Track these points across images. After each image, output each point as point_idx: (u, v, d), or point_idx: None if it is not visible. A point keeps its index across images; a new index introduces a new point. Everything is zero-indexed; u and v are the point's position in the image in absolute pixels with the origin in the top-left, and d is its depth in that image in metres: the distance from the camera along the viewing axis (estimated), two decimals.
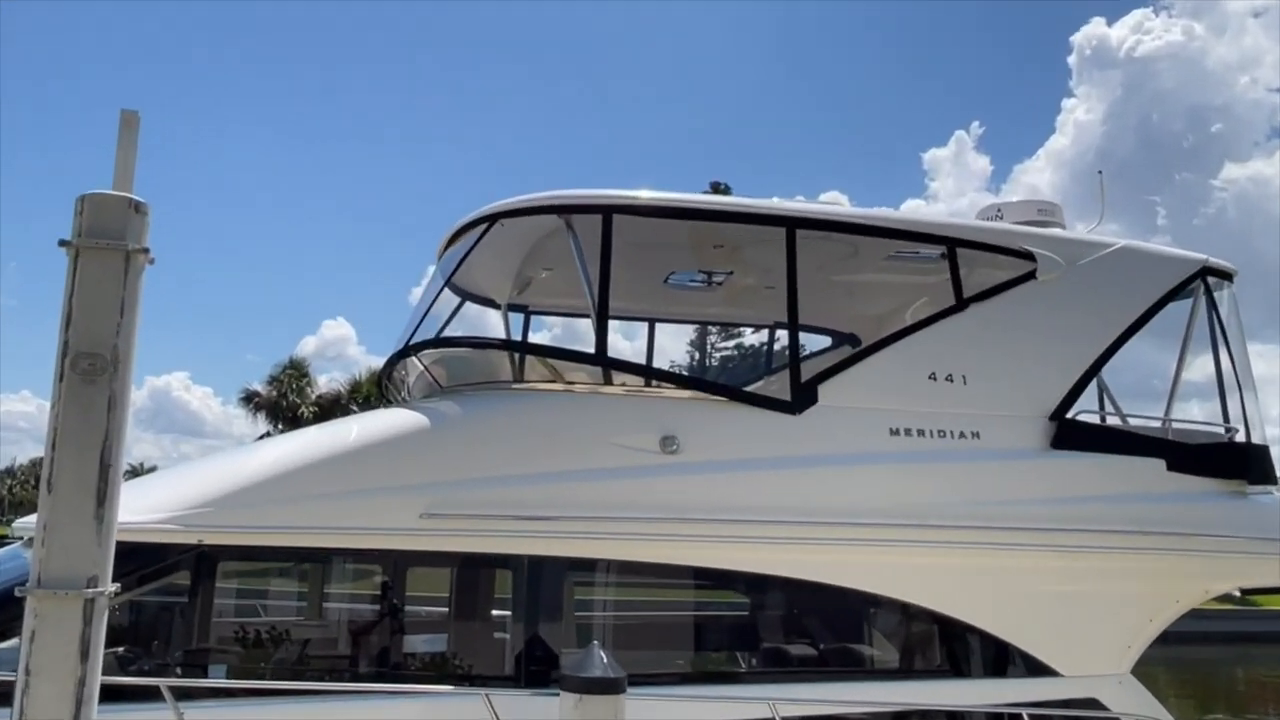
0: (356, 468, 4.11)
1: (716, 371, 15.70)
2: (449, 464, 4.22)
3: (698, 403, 4.61)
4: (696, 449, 4.40)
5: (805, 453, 4.51)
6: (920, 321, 5.03)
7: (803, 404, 4.58)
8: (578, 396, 4.59)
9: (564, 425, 4.43)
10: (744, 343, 24.06)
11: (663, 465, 4.33)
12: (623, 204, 4.76)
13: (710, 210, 5.08)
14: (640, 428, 4.42)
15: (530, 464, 4.27)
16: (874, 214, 5.23)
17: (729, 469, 4.41)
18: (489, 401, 4.58)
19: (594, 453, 4.33)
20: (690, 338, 16.72)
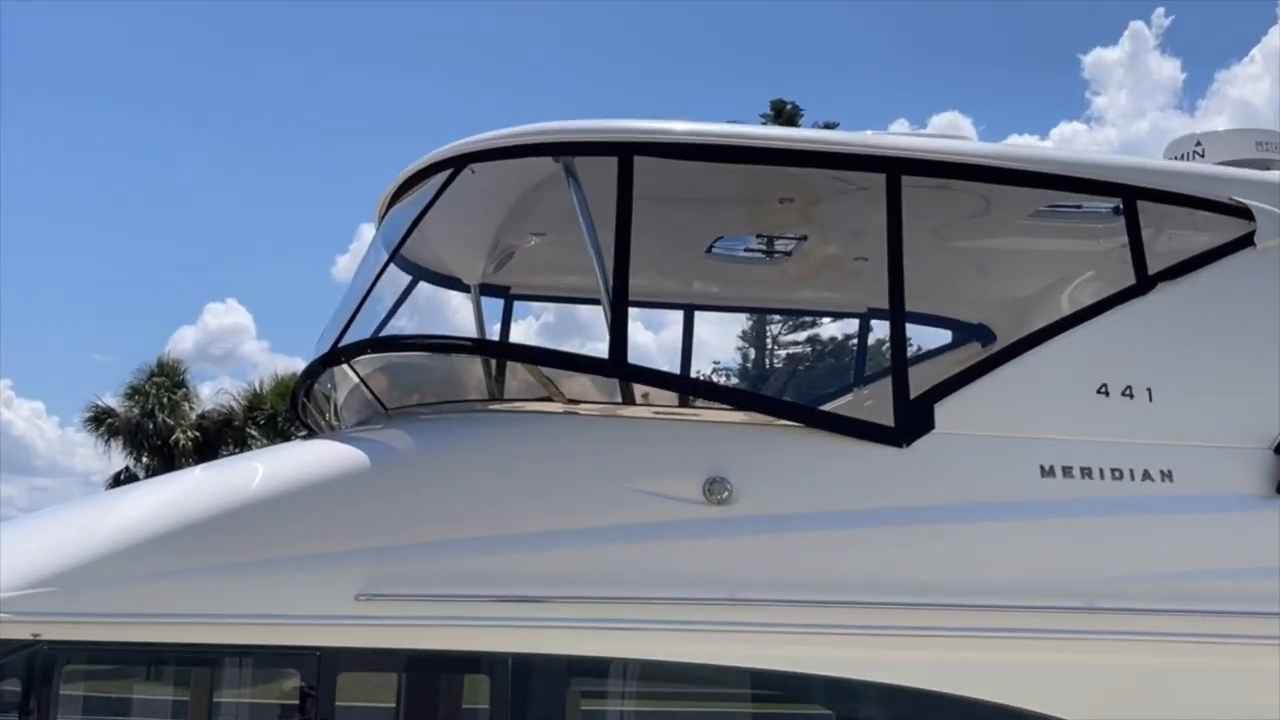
0: (263, 529, 4.15)
1: (783, 382, 15.70)
2: (396, 522, 4.25)
3: (757, 429, 4.61)
4: (756, 497, 4.40)
5: (916, 502, 4.51)
6: (1084, 309, 5.01)
7: (912, 430, 4.58)
8: (583, 421, 4.62)
9: (562, 464, 4.45)
10: (822, 339, 24.00)
11: (707, 521, 4.34)
12: (648, 140, 4.78)
13: (772, 148, 5.08)
14: (674, 466, 4.44)
15: (514, 521, 4.29)
16: (1014, 151, 5.22)
17: (803, 527, 4.42)
18: (454, 430, 4.61)
19: (606, 503, 4.35)
20: (744, 332, 16.64)
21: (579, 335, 16.96)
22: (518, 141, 4.86)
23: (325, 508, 4.23)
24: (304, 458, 4.53)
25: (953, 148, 5.09)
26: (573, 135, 4.81)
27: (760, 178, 5.31)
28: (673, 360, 7.02)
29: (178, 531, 4.11)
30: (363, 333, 5.04)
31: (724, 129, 5.03)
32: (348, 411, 5.23)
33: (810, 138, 5.14)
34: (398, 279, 5.67)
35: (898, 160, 4.88)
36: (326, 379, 5.22)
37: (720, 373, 43.41)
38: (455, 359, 5.21)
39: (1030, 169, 5.05)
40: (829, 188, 5.44)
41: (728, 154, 4.93)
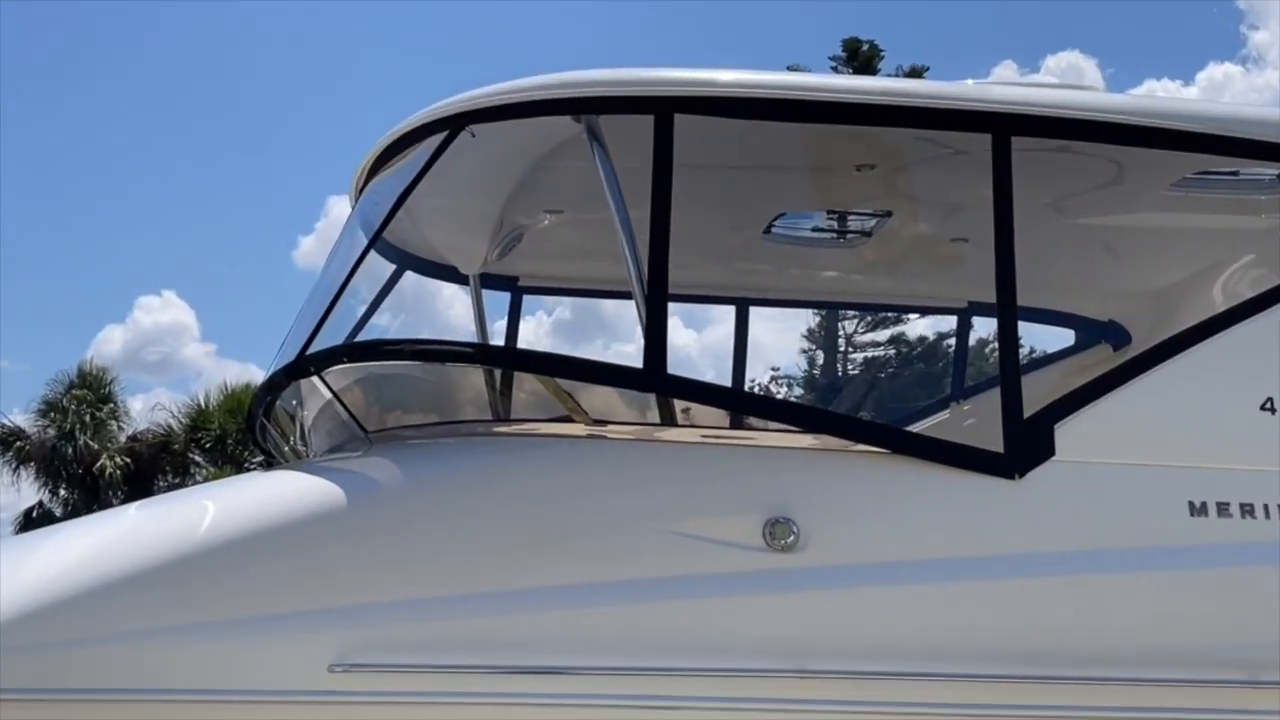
0: (215, 584, 4.17)
1: (860, 396, 15.66)
2: (379, 574, 4.27)
3: (829, 457, 4.62)
4: (829, 543, 4.40)
5: (1031, 549, 4.50)
6: (1243, 303, 4.99)
7: (1026, 458, 4.56)
8: (611, 447, 4.65)
9: (586, 501, 4.46)
10: (909, 341, 23.78)
11: (768, 573, 4.35)
12: (691, 93, 4.79)
13: (846, 102, 5.06)
14: (726, 504, 4.46)
15: (526, 573, 4.31)
16: (1154, 104, 5.21)
17: (888, 580, 4.41)
18: (450, 459, 4.64)
19: (641, 552, 4.37)
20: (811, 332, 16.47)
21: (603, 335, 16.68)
22: (529, 96, 4.87)
23: (291, 557, 4.25)
24: (264, 494, 4.55)
25: (1074, 100, 5.07)
26: (597, 88, 4.81)
27: (832, 139, 5.32)
28: (722, 369, 7.04)
29: (109, 588, 4.12)
30: (336, 337, 5.06)
31: (785, 78, 5.04)
32: (318, 435, 5.26)
33: (894, 89, 5.12)
34: (379, 268, 5.70)
35: (1005, 116, 4.86)
36: (291, 394, 5.23)
37: (781, 384, 43.53)
38: (451, 369, 5.23)
39: (1175, 126, 5.00)
40: (918, 151, 5.45)
41: (790, 110, 4.91)
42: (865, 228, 6.43)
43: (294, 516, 4.33)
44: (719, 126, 4.87)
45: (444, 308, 6.98)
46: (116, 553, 4.28)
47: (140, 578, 4.16)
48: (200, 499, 4.73)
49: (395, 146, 5.27)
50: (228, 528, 4.32)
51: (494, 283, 6.57)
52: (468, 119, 4.96)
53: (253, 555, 4.24)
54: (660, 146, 4.62)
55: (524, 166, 5.43)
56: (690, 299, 7.40)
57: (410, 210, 5.19)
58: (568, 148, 5.02)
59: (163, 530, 4.40)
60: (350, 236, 5.45)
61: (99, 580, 4.15)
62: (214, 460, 32.24)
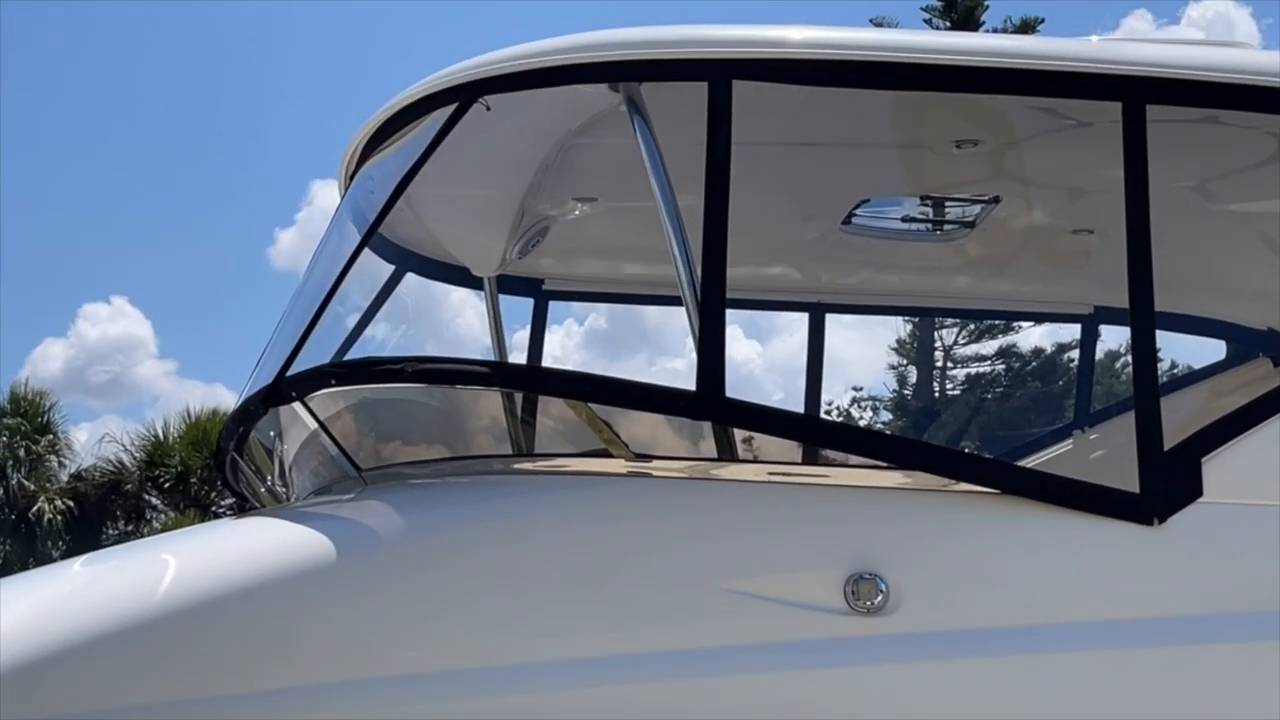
0: (176, 655, 4.19)
1: (962, 424, 15.67)
2: (374, 645, 4.30)
3: (924, 499, 4.63)
4: (925, 604, 4.41)
5: (1174, 610, 4.49)
6: None
7: (1168, 499, 4.54)
8: (658, 488, 4.66)
9: (627, 555, 4.48)
10: (1023, 354, 23.69)
11: (852, 641, 4.35)
12: (752, 55, 4.80)
13: (943, 65, 5.06)
14: (800, 557, 4.47)
15: (555, 642, 4.33)
16: None
17: (996, 648, 4.40)
18: (461, 503, 4.68)
19: (697, 615, 4.37)
20: (901, 344, 16.27)
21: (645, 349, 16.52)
22: (555, 61, 4.88)
23: (268, 624, 4.27)
24: (235, 546, 4.58)
25: (1224, 60, 5.06)
26: (639, 50, 4.84)
27: (925, 110, 5.35)
28: (793, 389, 7.06)
29: (45, 664, 4.13)
30: (323, 354, 5.11)
31: (867, 36, 5.05)
32: (301, 473, 5.30)
33: (1000, 48, 5.11)
34: (375, 270, 5.75)
35: (1139, 80, 4.85)
36: (268, 424, 5.25)
37: (865, 407, 43.57)
38: (462, 393, 5.25)
39: None
40: (1032, 123, 5.47)
41: (874, 74, 4.91)
42: (967, 217, 6.45)
43: (271, 574, 4.34)
44: (787, 95, 4.89)
45: (453, 317, 7.02)
46: (56, 620, 4.29)
47: (84, 651, 4.17)
48: (158, 552, 4.75)
49: (395, 122, 5.30)
50: (191, 588, 4.33)
51: (514, 286, 6.61)
52: (482, 88, 4.98)
53: (221, 622, 4.25)
54: (716, 120, 4.62)
55: (549, 146, 5.47)
56: (754, 304, 7.41)
57: (412, 199, 5.22)
58: (603, 122, 5.06)
59: (112, 592, 4.41)
60: (339, 231, 5.48)
61: (33, 655, 4.15)
62: (175, 503, 32.40)
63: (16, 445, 33.00)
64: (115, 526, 32.81)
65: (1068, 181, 5.97)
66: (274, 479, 5.55)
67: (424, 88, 5.11)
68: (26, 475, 32.75)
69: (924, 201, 6.45)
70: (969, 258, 6.77)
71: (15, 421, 33.40)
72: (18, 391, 34.57)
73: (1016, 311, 9.10)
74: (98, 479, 33.05)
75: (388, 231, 5.56)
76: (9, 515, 32.48)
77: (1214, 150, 5.44)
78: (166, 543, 5.26)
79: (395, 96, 5.25)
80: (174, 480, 32.12)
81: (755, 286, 6.86)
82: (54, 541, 31.68)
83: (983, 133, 5.57)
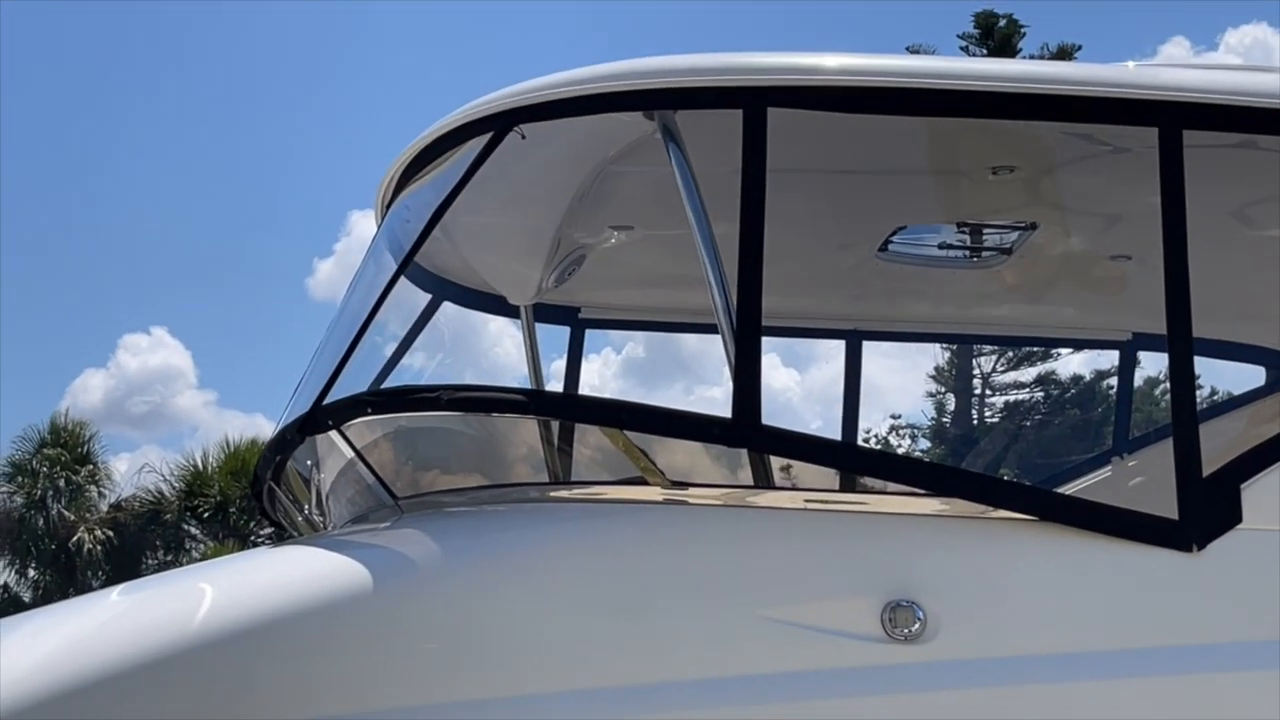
0: (211, 686, 4.19)
1: (1000, 451, 15.64)
2: (413, 674, 4.29)
3: (962, 526, 4.62)
4: (963, 631, 4.39)
5: (1213, 638, 4.46)
6: None
7: (1207, 526, 4.52)
8: (695, 515, 4.66)
9: (662, 581, 4.47)
10: (1061, 381, 23.54)
11: (889, 669, 4.33)
12: (788, 82, 4.80)
13: (980, 91, 5.06)
14: (837, 584, 4.45)
15: (593, 669, 4.32)
16: None
17: (1035, 676, 4.39)
18: (498, 531, 4.68)
19: (735, 643, 4.36)
20: (939, 372, 16.29)
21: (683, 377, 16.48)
22: (590, 90, 4.89)
23: (305, 653, 4.27)
24: (271, 575, 4.58)
25: (1260, 85, 5.04)
26: (674, 78, 4.83)
27: (961, 136, 5.34)
28: (830, 417, 7.05)
29: (83, 692, 4.14)
30: (360, 383, 5.11)
31: (903, 63, 5.04)
32: (338, 502, 5.30)
33: (1036, 74, 5.10)
34: (412, 299, 5.76)
35: (1175, 106, 4.84)
36: (305, 453, 5.27)
37: (903, 435, 43.44)
38: (498, 421, 5.25)
39: None
40: (1069, 149, 5.45)
41: (910, 101, 4.90)
42: (1004, 243, 6.43)
43: (307, 603, 4.35)
44: (823, 122, 4.90)
45: (490, 345, 7.02)
46: (93, 649, 4.29)
47: (121, 679, 4.17)
48: (196, 581, 4.75)
49: (430, 151, 5.32)
50: (228, 617, 4.33)
51: (550, 314, 6.62)
52: (517, 117, 4.99)
53: (258, 651, 4.25)
54: (751, 147, 4.63)
55: (585, 174, 5.47)
56: (790, 332, 7.42)
57: (448, 228, 5.22)
58: (638, 150, 5.06)
59: (149, 620, 4.41)
60: (376, 261, 5.50)
61: (71, 683, 4.16)
62: (213, 533, 32.48)
63: (57, 475, 33.09)
64: (154, 556, 32.88)
65: (1105, 207, 5.96)
66: (311, 508, 5.55)
67: (459, 117, 5.12)
68: (67, 505, 32.84)
69: (961, 228, 6.43)
70: (1006, 284, 6.75)
71: (55, 452, 33.50)
72: (58, 422, 34.70)
73: (1054, 338, 9.06)
74: (137, 509, 33.12)
75: (424, 260, 5.57)
76: (49, 545, 32.55)
77: (1252, 175, 5.41)
78: (203, 571, 5.27)
79: (431, 126, 5.27)
80: (213, 510, 32.16)
81: (792, 314, 6.86)
82: (94, 571, 31.75)
83: (1019, 159, 5.56)
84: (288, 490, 5.61)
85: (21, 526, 32.72)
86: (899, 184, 5.90)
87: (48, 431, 34.21)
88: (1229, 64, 5.64)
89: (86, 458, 34.21)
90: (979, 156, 5.54)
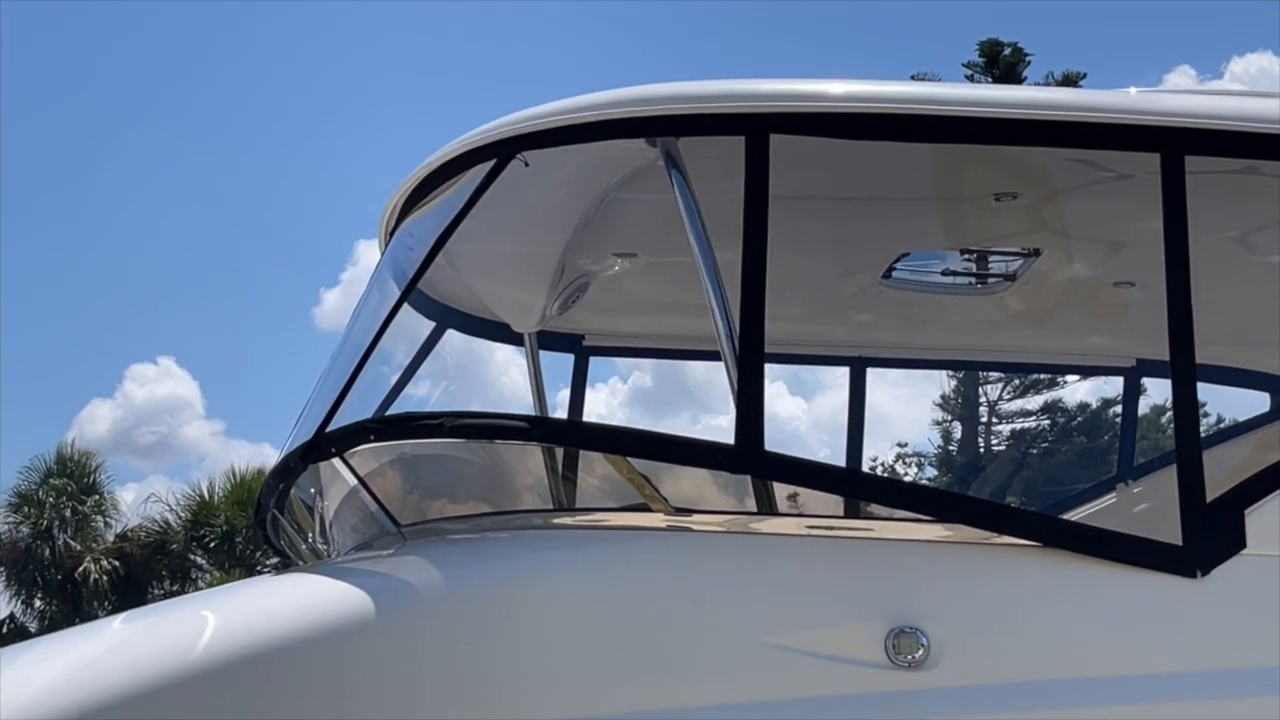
0: (218, 710, 4.18)
1: (1005, 478, 15.60)
2: (415, 703, 4.28)
3: (967, 553, 4.60)
4: (967, 658, 4.38)
5: (1217, 664, 4.45)
6: None
7: (1211, 552, 4.51)
8: (698, 542, 4.65)
9: (665, 608, 4.46)
10: (1066, 409, 23.48)
11: (893, 696, 4.32)
12: (791, 109, 4.81)
13: (984, 118, 5.07)
14: (840, 611, 4.44)
15: (597, 697, 4.32)
16: None
17: (1039, 703, 4.36)
18: (502, 559, 4.65)
19: (737, 670, 4.35)
20: (945, 399, 16.27)
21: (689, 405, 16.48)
22: (593, 116, 4.90)
23: (305, 678, 4.25)
24: (273, 603, 4.57)
25: (1263, 110, 5.04)
26: (676, 105, 4.84)
27: (965, 163, 5.35)
28: (838, 445, 7.02)
29: (89, 717, 4.11)
30: (363, 410, 5.10)
31: (909, 90, 5.06)
32: (341, 529, 5.30)
33: (1037, 100, 5.10)
34: (415, 326, 5.76)
35: (1177, 131, 4.84)
36: (309, 480, 5.27)
37: (910, 463, 43.34)
38: (502, 449, 5.23)
39: None
40: (1072, 176, 5.46)
41: (910, 128, 4.91)
42: (1008, 270, 6.43)
43: (309, 630, 4.33)
44: (826, 149, 4.89)
45: (495, 373, 7.02)
46: (94, 677, 4.28)
47: (123, 707, 4.15)
48: (198, 609, 4.74)
49: (433, 179, 5.33)
50: (230, 645, 4.32)
51: (554, 342, 6.62)
52: (520, 144, 5.00)
53: (260, 679, 4.24)
54: (753, 174, 4.63)
55: (588, 201, 5.47)
56: (793, 359, 7.41)
57: (452, 255, 5.22)
58: (641, 177, 5.06)
59: (151, 648, 4.40)
60: (379, 288, 5.50)
61: (73, 712, 4.14)
62: (220, 563, 32.46)
63: (63, 506, 33.10)
64: (161, 586, 32.87)
65: (1108, 234, 5.95)
66: (315, 536, 5.54)
67: (462, 144, 5.13)
68: (73, 535, 32.84)
69: (964, 255, 6.43)
70: (1010, 311, 6.74)
71: (62, 482, 33.51)
72: (64, 453, 34.70)
73: (1058, 365, 9.04)
74: (143, 539, 33.12)
75: (428, 288, 5.56)
76: (55, 575, 32.54)
77: (1255, 201, 5.40)
78: (206, 599, 5.26)
79: (434, 153, 5.27)
80: (219, 540, 32.18)
81: (796, 341, 6.86)
82: (100, 601, 31.73)
83: (1022, 185, 5.56)
84: (291, 518, 5.61)
85: (28, 557, 32.72)
86: (902, 210, 5.90)
87: (54, 461, 34.23)
88: (1231, 89, 5.66)
89: (93, 488, 34.22)
90: (982, 183, 5.54)
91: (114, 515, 34.40)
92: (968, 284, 6.59)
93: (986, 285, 6.57)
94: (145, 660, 4.31)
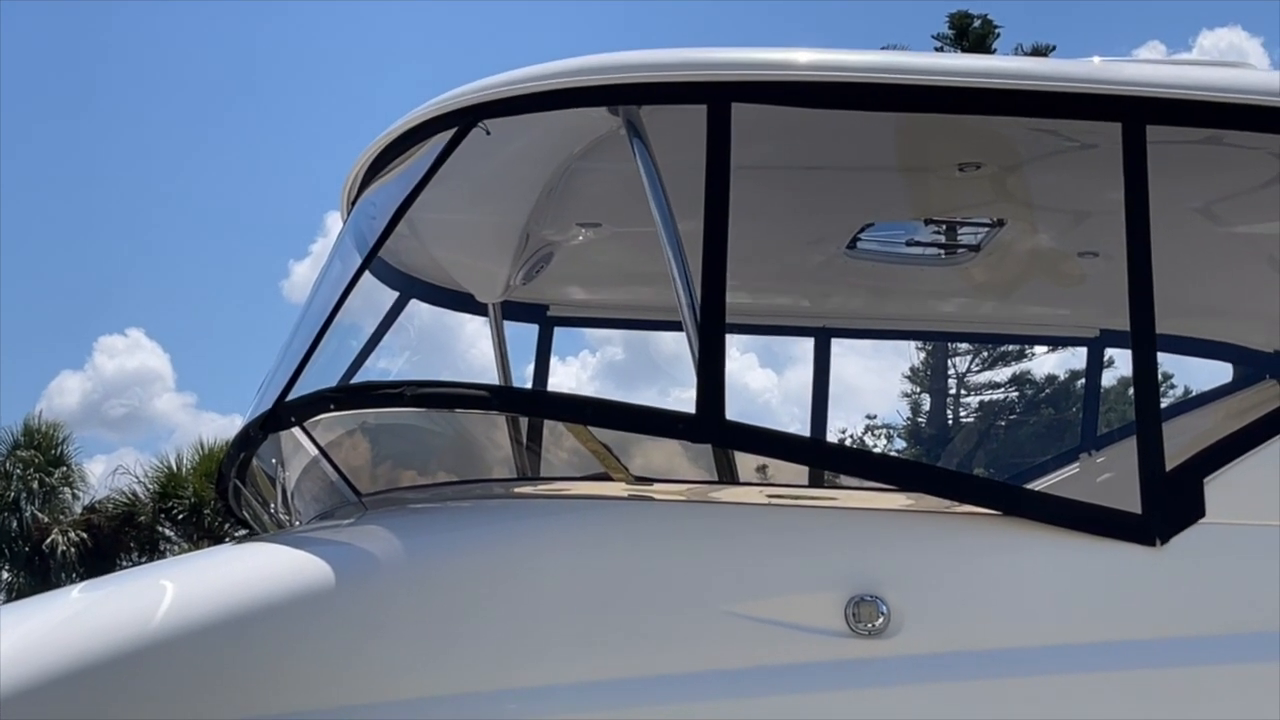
0: (166, 684, 4.17)
1: (969, 447, 15.62)
2: (372, 671, 4.28)
3: (928, 521, 4.62)
4: (926, 626, 4.39)
5: (1176, 631, 4.47)
6: None
7: (1170, 520, 4.53)
8: (659, 511, 4.66)
9: (629, 577, 4.46)
10: (1032, 379, 23.58)
11: (852, 663, 4.33)
12: (754, 78, 4.80)
13: (948, 86, 5.06)
14: (801, 579, 4.45)
15: (552, 666, 4.31)
16: None
17: (998, 670, 4.38)
18: (463, 528, 4.65)
19: (699, 638, 4.36)
20: (911, 371, 16.28)
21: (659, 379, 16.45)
22: (554, 85, 4.88)
23: (263, 651, 4.25)
24: (232, 572, 4.57)
25: (1225, 80, 5.04)
26: (637, 73, 4.83)
27: (930, 133, 5.34)
28: (799, 413, 7.05)
29: (46, 686, 4.12)
30: (324, 380, 5.09)
31: (871, 59, 5.04)
32: (302, 499, 5.29)
33: (1001, 69, 5.09)
34: (377, 296, 5.74)
35: (1138, 101, 4.84)
36: (270, 450, 5.26)
37: (874, 433, 43.46)
38: (465, 419, 5.24)
39: None
40: (1035, 145, 5.46)
41: (878, 96, 4.90)
42: (972, 240, 6.45)
43: (269, 599, 4.32)
44: (789, 118, 4.89)
45: (459, 344, 7.01)
46: (52, 646, 4.27)
47: (80, 677, 4.15)
48: (157, 578, 4.73)
49: (395, 147, 5.30)
50: (189, 614, 4.31)
51: (519, 312, 6.61)
52: (481, 112, 4.98)
53: (219, 648, 4.23)
54: (715, 143, 4.62)
55: (551, 170, 5.46)
56: (757, 329, 7.41)
57: (414, 224, 5.21)
58: (603, 146, 5.05)
59: (109, 618, 4.39)
60: (341, 258, 5.47)
61: (30, 681, 4.13)
62: (188, 534, 32.34)
63: (30, 478, 32.99)
64: (129, 558, 32.74)
65: (1072, 204, 5.96)
66: (277, 506, 5.53)
67: (423, 113, 5.11)
68: (40, 507, 32.73)
69: (929, 225, 6.44)
70: (974, 281, 6.75)
71: (29, 454, 33.39)
72: (32, 425, 34.57)
73: (1023, 335, 9.09)
74: (111, 511, 32.98)
75: (390, 258, 5.55)
76: (23, 548, 32.44)
77: (1217, 171, 5.42)
78: (165, 569, 5.25)
79: (396, 122, 5.25)
80: (187, 511, 32.05)
81: (760, 311, 6.85)
82: (68, 574, 31.61)
83: (986, 155, 5.56)
84: (254, 489, 5.60)
85: None
86: (866, 180, 5.89)
87: (21, 434, 34.10)
88: (1193, 59, 5.66)
89: (60, 459, 34.09)
90: (946, 153, 5.54)
91: (82, 487, 34.28)
92: (932, 254, 6.61)
93: (951, 256, 6.58)
94: (102, 630, 4.30)
